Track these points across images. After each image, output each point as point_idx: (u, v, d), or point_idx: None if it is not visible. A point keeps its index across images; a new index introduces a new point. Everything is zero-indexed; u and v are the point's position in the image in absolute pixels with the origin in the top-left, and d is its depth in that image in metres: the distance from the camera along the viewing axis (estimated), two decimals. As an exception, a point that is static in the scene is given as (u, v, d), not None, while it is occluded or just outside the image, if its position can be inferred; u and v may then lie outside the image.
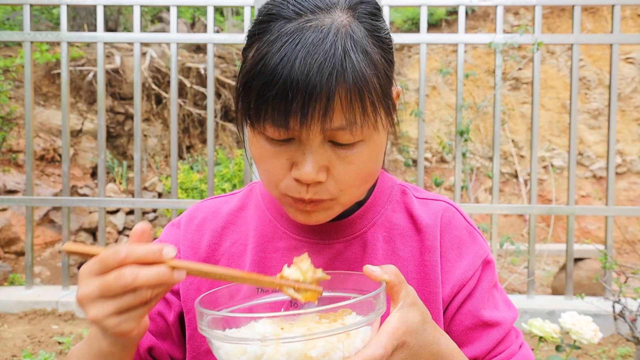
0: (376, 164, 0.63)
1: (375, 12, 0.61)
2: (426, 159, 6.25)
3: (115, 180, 5.62)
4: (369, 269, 0.55)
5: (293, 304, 0.62)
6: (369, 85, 0.55)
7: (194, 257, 0.74)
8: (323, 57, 0.53)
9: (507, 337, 0.71)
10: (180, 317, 0.74)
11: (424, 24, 3.29)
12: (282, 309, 0.62)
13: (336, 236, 0.70)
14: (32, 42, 3.38)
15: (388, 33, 0.62)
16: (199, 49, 6.63)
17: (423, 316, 0.56)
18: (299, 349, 0.49)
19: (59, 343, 2.88)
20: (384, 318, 0.54)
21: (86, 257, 0.54)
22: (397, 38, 3.42)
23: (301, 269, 0.57)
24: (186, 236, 0.76)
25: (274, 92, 0.54)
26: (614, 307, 2.33)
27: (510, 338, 0.71)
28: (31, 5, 3.35)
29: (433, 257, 0.70)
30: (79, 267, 4.71)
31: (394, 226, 0.72)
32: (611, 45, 3.26)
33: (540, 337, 1.57)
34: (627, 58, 6.34)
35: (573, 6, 3.23)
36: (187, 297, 0.73)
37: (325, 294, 0.59)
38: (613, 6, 3.23)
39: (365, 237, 0.71)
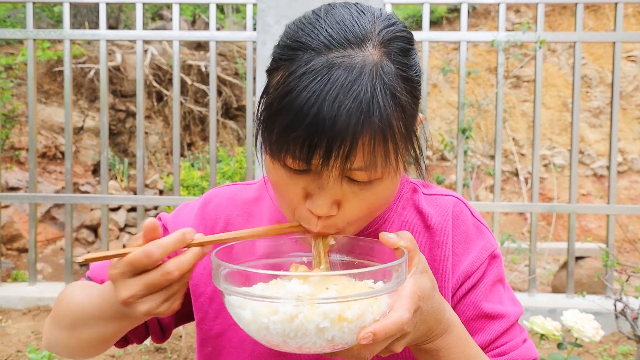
0: (388, 198, 0.63)
1: (409, 49, 0.59)
2: (427, 157, 6.24)
3: (116, 178, 5.62)
4: (386, 236, 0.57)
5: (311, 265, 0.64)
6: (394, 130, 0.55)
7: None
8: (351, 102, 0.52)
9: (509, 330, 0.71)
10: None
11: (426, 22, 3.29)
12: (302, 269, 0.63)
13: None
14: (34, 40, 3.38)
15: (418, 69, 0.61)
16: (200, 46, 6.62)
17: (433, 283, 0.58)
18: (336, 310, 0.50)
19: (62, 340, 2.89)
20: None
21: (107, 260, 0.57)
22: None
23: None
24: (202, 220, 0.77)
25: (298, 132, 0.53)
26: (615, 305, 2.33)
27: (513, 332, 0.71)
28: (34, 3, 3.35)
29: (443, 252, 0.71)
30: (80, 265, 4.73)
31: (404, 223, 0.73)
32: (614, 43, 3.26)
33: (542, 335, 1.57)
34: (629, 56, 6.34)
35: (576, 4, 3.23)
36: (198, 282, 0.75)
37: (339, 258, 0.62)
38: (616, 4, 3.23)
39: (377, 234, 0.72)
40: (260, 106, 0.58)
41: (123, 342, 0.76)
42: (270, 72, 0.60)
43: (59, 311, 0.71)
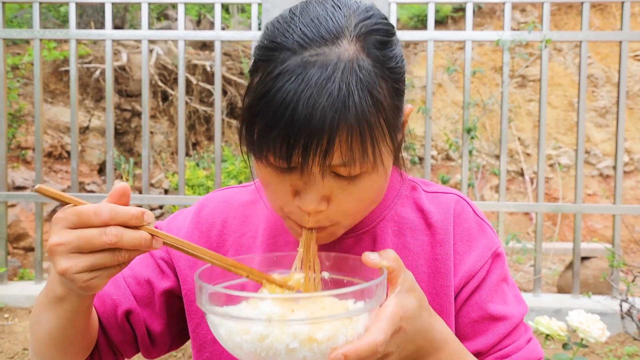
0: (379, 192, 0.63)
1: (386, 41, 0.58)
2: (432, 156, 6.24)
3: (122, 177, 5.65)
4: (368, 256, 0.56)
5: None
6: (371, 126, 0.54)
7: (204, 245, 0.74)
8: (326, 100, 0.52)
9: (514, 331, 0.70)
10: (169, 293, 0.74)
11: (431, 21, 3.28)
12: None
13: (346, 231, 0.70)
14: (41, 40, 3.40)
15: (399, 60, 0.60)
16: (205, 46, 6.64)
17: (420, 302, 0.56)
18: (306, 332, 0.50)
19: (68, 338, 2.91)
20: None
21: (60, 202, 0.53)
22: (404, 35, 3.41)
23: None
24: (197, 225, 0.76)
25: (275, 133, 0.53)
26: (621, 305, 2.33)
27: (517, 332, 0.71)
28: (40, 3, 3.37)
29: (444, 250, 0.70)
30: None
31: (404, 220, 0.72)
32: (620, 42, 3.24)
33: (547, 335, 1.57)
34: (636, 55, 6.30)
35: (582, 3, 3.21)
36: (193, 287, 0.73)
37: (329, 275, 0.61)
38: (623, 3, 3.21)
39: (375, 232, 0.71)
40: (243, 111, 0.58)
41: (112, 357, 0.74)
42: (251, 73, 0.60)
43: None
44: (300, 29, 0.56)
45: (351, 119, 0.53)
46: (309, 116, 0.52)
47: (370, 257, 0.55)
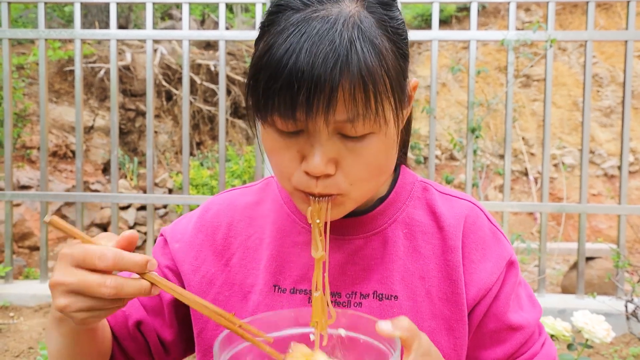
0: (386, 158, 0.61)
1: (388, 2, 0.59)
2: (436, 156, 6.23)
3: (126, 177, 5.67)
4: (381, 326, 0.54)
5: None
6: (374, 77, 0.54)
7: (210, 249, 0.74)
8: (328, 47, 0.52)
9: (530, 338, 0.71)
10: (176, 301, 0.73)
11: (435, 21, 3.27)
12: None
13: (356, 232, 0.70)
14: (46, 40, 3.42)
15: (401, 23, 0.60)
16: (209, 45, 6.65)
17: None
18: None
19: (73, 337, 2.92)
20: None
21: (69, 235, 0.54)
22: (409, 35, 3.42)
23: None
24: (201, 228, 0.75)
25: (279, 84, 0.53)
26: (626, 306, 2.32)
27: (533, 338, 0.71)
28: (45, 3, 3.38)
29: (455, 257, 0.69)
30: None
31: (416, 223, 0.71)
32: (625, 42, 3.22)
33: (552, 336, 1.56)
34: (641, 55, 6.27)
35: (587, 2, 3.20)
36: (197, 293, 0.72)
37: (346, 333, 0.59)
38: (628, 2, 3.19)
39: (385, 234, 0.70)
40: (248, 75, 0.59)
41: None
42: (256, 41, 0.60)
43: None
44: None
45: (353, 68, 0.52)
46: (310, 64, 0.52)
47: (384, 328, 0.54)
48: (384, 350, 0.54)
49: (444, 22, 6.92)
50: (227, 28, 3.55)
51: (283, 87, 0.53)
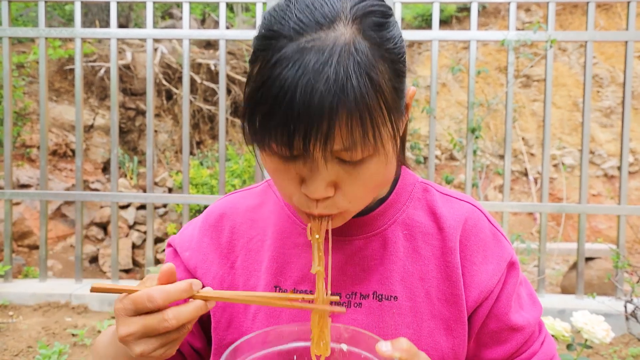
0: (385, 175, 0.62)
1: (383, 23, 0.58)
2: (436, 156, 6.23)
3: (126, 176, 5.67)
4: (381, 347, 0.56)
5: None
6: (371, 110, 0.54)
7: (215, 252, 0.75)
8: (324, 85, 0.52)
9: (530, 337, 0.71)
10: None
11: (436, 21, 3.27)
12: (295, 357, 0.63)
13: (356, 233, 0.70)
14: (46, 38, 3.42)
15: (398, 41, 0.59)
16: (209, 45, 6.65)
17: None
18: None
19: (73, 335, 2.92)
20: None
21: (115, 293, 0.58)
22: (409, 35, 3.41)
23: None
24: (206, 232, 0.76)
25: (275, 122, 0.54)
26: (626, 307, 2.32)
27: (533, 337, 0.72)
28: (45, 2, 3.38)
29: (454, 259, 0.69)
30: (90, 262, 4.77)
31: (416, 224, 0.72)
32: (626, 42, 3.23)
33: (551, 336, 1.56)
34: (641, 55, 6.27)
35: (587, 3, 3.20)
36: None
37: (348, 348, 0.61)
38: (628, 3, 3.19)
39: (385, 235, 0.71)
40: (244, 101, 0.59)
41: None
42: (250, 63, 0.60)
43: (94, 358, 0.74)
44: (295, 15, 0.56)
45: (350, 103, 0.53)
46: (307, 102, 0.52)
47: (383, 349, 0.55)
48: None
49: (444, 22, 6.92)
50: (227, 27, 3.56)
51: (279, 125, 0.54)
